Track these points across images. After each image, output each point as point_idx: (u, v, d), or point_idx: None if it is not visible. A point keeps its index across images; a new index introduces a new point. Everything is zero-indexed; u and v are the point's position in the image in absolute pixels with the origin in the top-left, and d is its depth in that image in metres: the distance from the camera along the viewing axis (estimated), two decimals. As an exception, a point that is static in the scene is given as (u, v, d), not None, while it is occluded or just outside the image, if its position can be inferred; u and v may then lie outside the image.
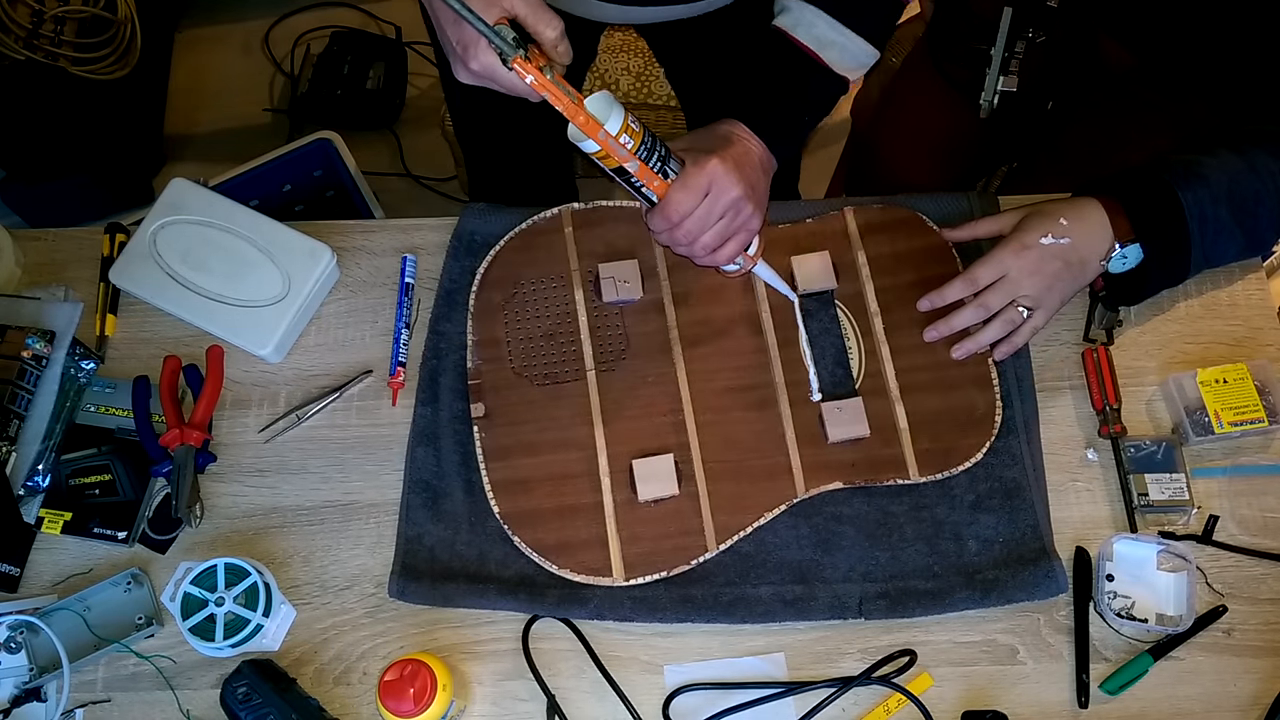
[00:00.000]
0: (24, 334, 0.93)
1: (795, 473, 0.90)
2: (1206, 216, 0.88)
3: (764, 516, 0.88)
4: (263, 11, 2.19)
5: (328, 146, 1.67)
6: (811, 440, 0.91)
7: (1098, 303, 0.97)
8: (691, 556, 0.87)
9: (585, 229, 0.99)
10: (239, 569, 0.83)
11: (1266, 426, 0.90)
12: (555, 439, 0.91)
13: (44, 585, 0.89)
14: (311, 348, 0.98)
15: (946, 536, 0.88)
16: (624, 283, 0.96)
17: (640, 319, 0.96)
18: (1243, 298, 0.99)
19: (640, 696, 0.85)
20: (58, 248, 1.03)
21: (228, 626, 0.82)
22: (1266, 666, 0.86)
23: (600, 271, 0.97)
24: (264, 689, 0.80)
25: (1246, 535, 0.90)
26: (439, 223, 1.03)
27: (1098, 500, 0.92)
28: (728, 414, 0.92)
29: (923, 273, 0.96)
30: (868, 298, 0.96)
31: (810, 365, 0.93)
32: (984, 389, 0.92)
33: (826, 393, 0.93)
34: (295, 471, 0.93)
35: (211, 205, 0.98)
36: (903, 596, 0.86)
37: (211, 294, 0.96)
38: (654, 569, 0.86)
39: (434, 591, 0.87)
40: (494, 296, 0.97)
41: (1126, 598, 0.87)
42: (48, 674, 0.83)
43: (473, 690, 0.86)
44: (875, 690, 0.85)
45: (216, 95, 2.14)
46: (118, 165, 1.92)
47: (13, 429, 0.91)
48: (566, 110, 0.75)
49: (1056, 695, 0.85)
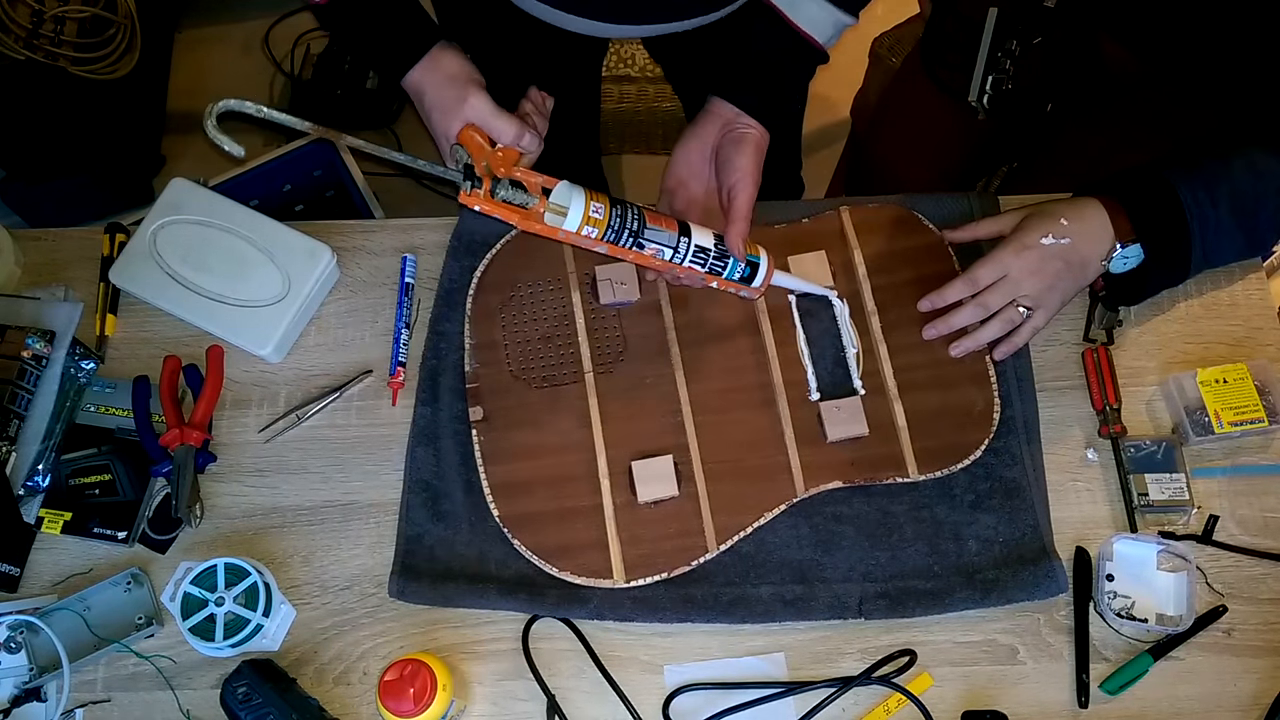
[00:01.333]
0: (24, 334, 0.93)
1: (794, 472, 0.90)
2: (1207, 217, 0.88)
3: (764, 516, 0.88)
4: (263, 11, 2.19)
5: (328, 147, 1.67)
6: (810, 440, 0.91)
7: (1098, 303, 0.97)
8: (692, 557, 0.87)
9: None
10: (239, 569, 0.83)
11: (1266, 426, 0.90)
12: (554, 442, 0.91)
13: (44, 585, 0.89)
14: (311, 348, 0.98)
15: (946, 536, 0.88)
16: (621, 285, 0.96)
17: (637, 321, 0.96)
18: (1243, 298, 0.99)
19: (640, 696, 0.85)
20: (58, 248, 1.03)
21: (228, 626, 0.82)
22: (1266, 666, 0.86)
23: (597, 274, 0.97)
24: (264, 689, 0.80)
25: (1246, 535, 0.90)
26: (439, 223, 1.03)
27: (1098, 500, 0.92)
28: (726, 414, 0.92)
29: (919, 271, 0.96)
30: (865, 297, 0.96)
31: (808, 365, 0.93)
32: (982, 386, 0.93)
33: (825, 392, 0.93)
34: (295, 471, 0.93)
35: (211, 205, 0.98)
36: (903, 596, 0.86)
37: (212, 294, 0.96)
38: (654, 570, 0.86)
39: (434, 591, 0.87)
40: (491, 299, 0.96)
41: (1126, 598, 0.87)
42: (48, 674, 0.83)
43: (473, 690, 0.86)
44: (875, 690, 0.85)
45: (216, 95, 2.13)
46: (118, 165, 1.92)
47: (13, 429, 0.91)
48: (520, 223, 0.78)
49: (1056, 695, 0.85)
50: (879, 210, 1.00)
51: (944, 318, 0.93)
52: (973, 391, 0.92)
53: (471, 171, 0.78)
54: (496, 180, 0.78)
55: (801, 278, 0.95)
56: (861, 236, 0.98)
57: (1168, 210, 0.88)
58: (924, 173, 1.31)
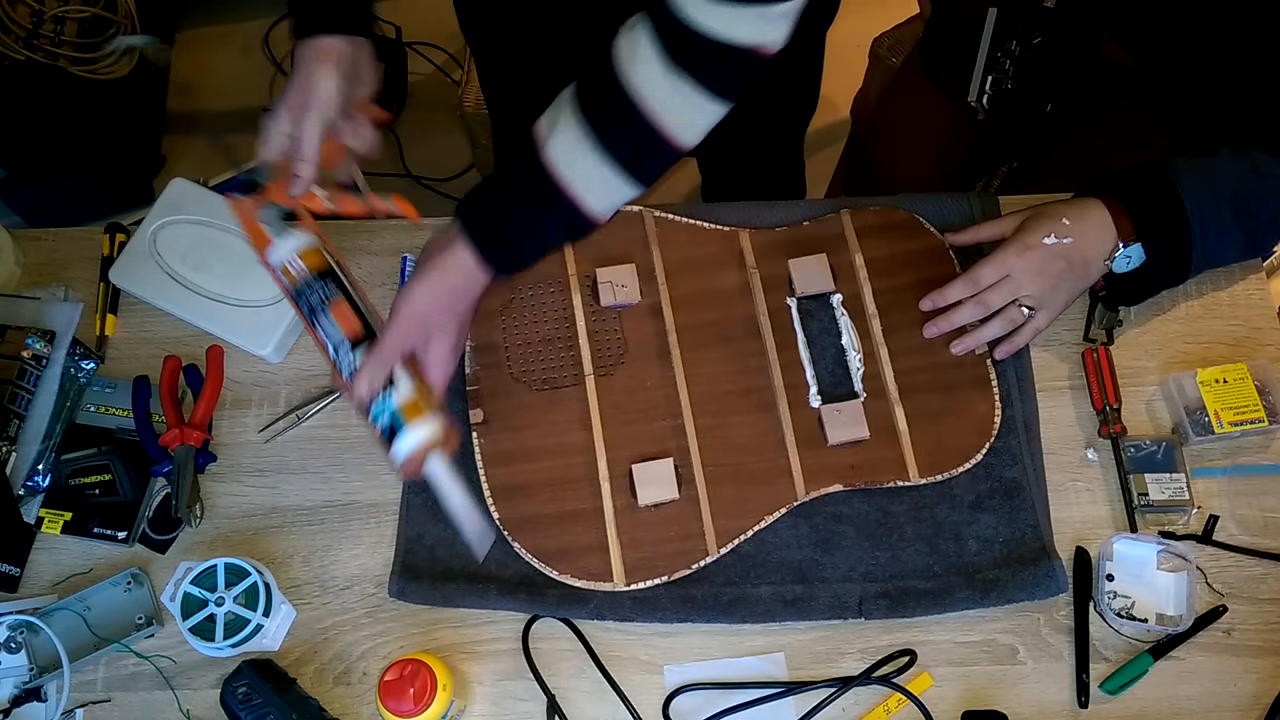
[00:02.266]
0: (24, 334, 0.93)
1: (795, 476, 0.90)
2: (1209, 217, 0.88)
3: (764, 520, 0.88)
4: (263, 11, 2.19)
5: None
6: (811, 443, 0.91)
7: (1098, 303, 0.97)
8: (692, 560, 0.87)
9: None
10: (239, 569, 0.83)
11: (1266, 426, 0.90)
12: (554, 444, 0.91)
13: (44, 585, 0.89)
14: (311, 347, 0.98)
15: (946, 536, 0.88)
16: (621, 287, 0.96)
17: (638, 323, 0.96)
18: (1243, 298, 0.99)
19: (640, 696, 0.85)
20: (58, 248, 1.03)
21: (228, 626, 0.82)
22: (1266, 666, 0.86)
23: (598, 276, 0.96)
24: (264, 689, 0.80)
25: (1246, 535, 0.90)
26: (439, 223, 1.03)
27: (1098, 500, 0.92)
28: (727, 417, 0.92)
29: (920, 274, 0.96)
30: (865, 300, 0.96)
31: (809, 368, 0.93)
32: (983, 389, 0.92)
33: (826, 394, 0.93)
34: (295, 471, 0.93)
35: (212, 205, 0.98)
36: (903, 596, 0.86)
37: (211, 294, 0.96)
38: (655, 574, 0.86)
39: (434, 591, 0.87)
40: (491, 302, 0.96)
41: (1126, 598, 0.87)
42: (48, 674, 0.83)
43: (473, 690, 0.86)
44: (875, 690, 0.85)
45: (216, 95, 2.14)
46: (118, 165, 1.92)
47: (13, 429, 0.91)
48: (254, 245, 0.80)
49: (1056, 695, 0.85)
50: (880, 214, 1.00)
51: (944, 315, 0.93)
52: (974, 395, 0.92)
53: (259, 178, 0.79)
54: (269, 204, 0.79)
55: (800, 281, 0.95)
56: (862, 240, 0.98)
57: (1169, 210, 0.88)
58: (924, 173, 1.31)
